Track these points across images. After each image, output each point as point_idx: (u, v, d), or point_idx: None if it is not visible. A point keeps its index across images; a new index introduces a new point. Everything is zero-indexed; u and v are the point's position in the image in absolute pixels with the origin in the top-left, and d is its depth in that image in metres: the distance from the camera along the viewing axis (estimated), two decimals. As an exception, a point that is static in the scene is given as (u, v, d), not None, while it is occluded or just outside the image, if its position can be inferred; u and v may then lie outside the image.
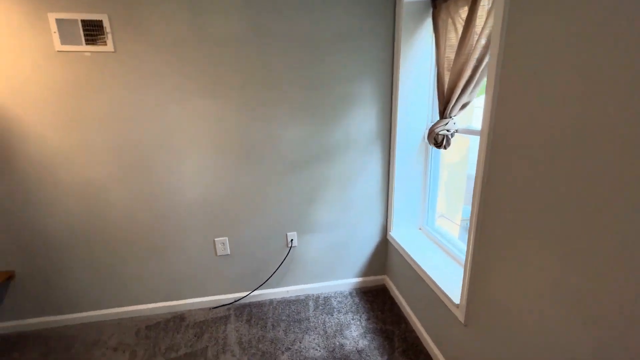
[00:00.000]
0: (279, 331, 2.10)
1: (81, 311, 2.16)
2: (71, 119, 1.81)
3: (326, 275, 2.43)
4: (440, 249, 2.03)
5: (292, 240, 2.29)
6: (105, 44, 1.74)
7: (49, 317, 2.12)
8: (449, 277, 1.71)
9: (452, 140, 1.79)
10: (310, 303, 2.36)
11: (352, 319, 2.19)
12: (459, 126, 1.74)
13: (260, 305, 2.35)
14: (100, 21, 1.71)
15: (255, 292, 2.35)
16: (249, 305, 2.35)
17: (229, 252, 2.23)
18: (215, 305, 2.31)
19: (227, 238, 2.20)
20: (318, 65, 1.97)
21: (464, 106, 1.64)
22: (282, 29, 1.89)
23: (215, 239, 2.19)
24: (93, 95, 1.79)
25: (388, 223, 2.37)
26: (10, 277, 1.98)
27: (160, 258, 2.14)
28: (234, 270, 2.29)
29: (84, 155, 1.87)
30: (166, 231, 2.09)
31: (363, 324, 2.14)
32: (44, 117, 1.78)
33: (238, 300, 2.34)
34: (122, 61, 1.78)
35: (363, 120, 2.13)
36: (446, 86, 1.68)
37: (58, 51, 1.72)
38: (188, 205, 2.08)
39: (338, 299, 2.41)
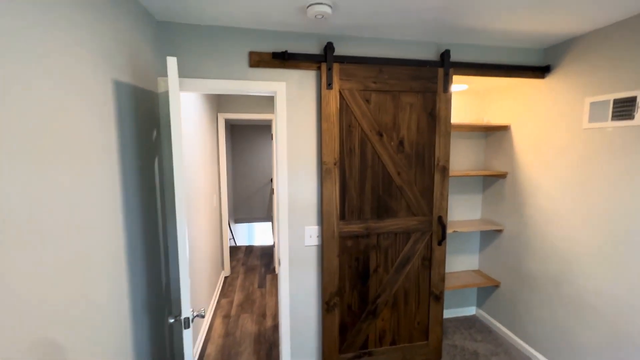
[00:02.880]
0: None
1: (525, 340, 2.28)
2: (575, 184, 1.91)
3: None
4: None
5: None
6: (632, 118, 1.62)
7: (502, 326, 2.47)
8: None
9: None
10: None
11: None
12: None
13: None
14: (634, 97, 1.61)
15: None
16: None
17: None
18: None
19: None
20: None
21: None
22: None
23: None
24: (603, 165, 1.75)
25: None
26: (497, 285, 2.55)
27: (619, 352, 1.69)
28: None
29: (575, 216, 1.91)
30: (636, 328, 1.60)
31: None
32: (556, 180, 2.04)
33: None
34: (645, 134, 1.56)
35: None
36: None
37: (584, 129, 1.86)
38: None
39: None
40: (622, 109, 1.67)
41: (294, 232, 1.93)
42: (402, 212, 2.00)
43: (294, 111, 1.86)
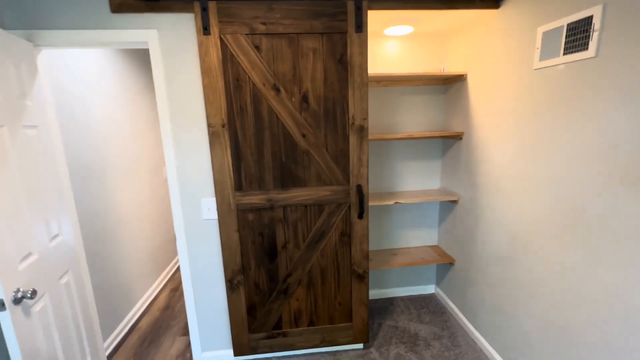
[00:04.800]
0: None
1: (473, 324, 2.01)
2: (525, 144, 1.53)
3: None
4: None
5: None
6: (586, 49, 1.19)
7: (455, 307, 2.20)
8: None
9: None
10: None
11: None
12: None
13: None
14: (590, 17, 1.17)
15: None
16: None
17: None
18: None
19: None
20: None
21: None
22: None
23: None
24: (552, 117, 1.35)
25: None
26: (451, 263, 2.26)
27: (560, 346, 1.39)
28: None
29: (523, 184, 1.54)
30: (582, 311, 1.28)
31: None
32: (506, 139, 1.65)
33: None
34: (601, 68, 1.15)
35: None
36: None
37: (535, 69, 1.43)
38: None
39: None
40: (576, 36, 1.23)
41: (189, 204, 1.74)
42: (312, 181, 1.72)
43: (173, 65, 1.59)
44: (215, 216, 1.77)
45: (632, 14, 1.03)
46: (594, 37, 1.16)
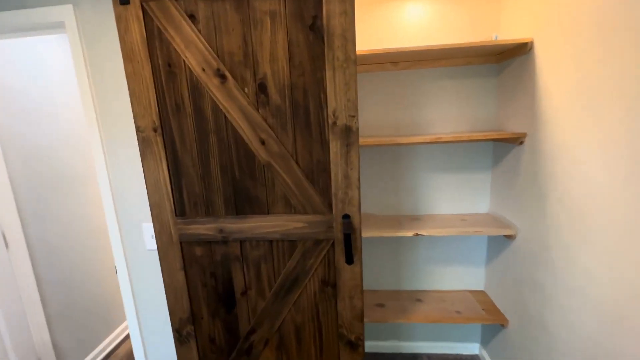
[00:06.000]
0: None
1: None
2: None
3: None
4: None
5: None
6: None
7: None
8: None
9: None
10: None
11: None
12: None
13: None
14: None
15: None
16: None
17: None
18: None
19: None
20: None
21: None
22: None
23: None
24: None
25: None
26: (503, 324, 1.54)
27: None
28: None
29: (631, 223, 0.82)
30: None
31: None
32: (602, 145, 0.93)
33: None
34: None
35: None
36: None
37: (680, 8, 0.71)
38: None
39: None
40: None
41: (129, 231, 1.36)
42: (278, 206, 1.20)
43: (97, 49, 1.22)
44: (160, 246, 1.36)
45: None
46: None
